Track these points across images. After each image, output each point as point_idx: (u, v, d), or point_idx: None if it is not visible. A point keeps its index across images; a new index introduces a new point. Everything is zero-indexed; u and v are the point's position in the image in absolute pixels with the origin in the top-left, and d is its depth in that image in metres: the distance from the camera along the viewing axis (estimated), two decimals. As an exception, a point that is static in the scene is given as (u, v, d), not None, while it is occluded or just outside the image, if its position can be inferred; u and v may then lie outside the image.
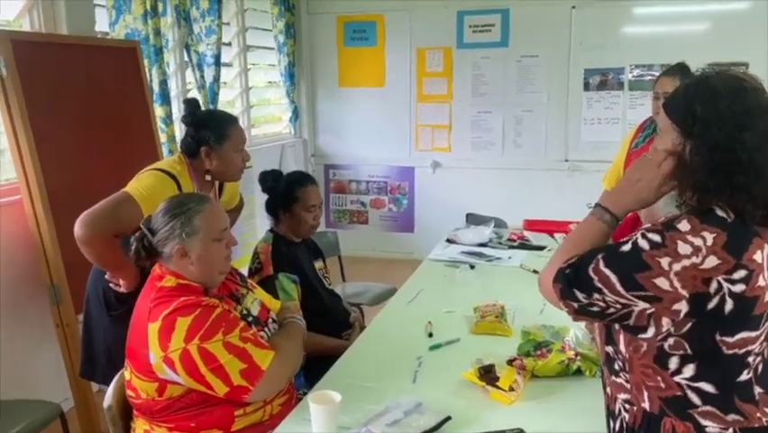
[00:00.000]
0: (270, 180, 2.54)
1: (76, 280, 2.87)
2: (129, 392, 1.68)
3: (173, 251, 1.65)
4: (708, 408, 1.15)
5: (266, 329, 1.80)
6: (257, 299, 1.87)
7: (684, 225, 1.14)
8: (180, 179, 2.26)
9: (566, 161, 5.36)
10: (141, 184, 2.19)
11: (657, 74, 2.98)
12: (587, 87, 5.20)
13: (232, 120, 2.43)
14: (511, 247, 3.28)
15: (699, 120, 1.16)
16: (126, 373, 1.68)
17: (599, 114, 5.20)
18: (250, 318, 1.76)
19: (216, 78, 4.37)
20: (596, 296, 1.16)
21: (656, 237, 1.14)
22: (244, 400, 1.61)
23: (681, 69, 2.69)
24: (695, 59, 2.09)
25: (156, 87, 3.71)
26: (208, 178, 2.40)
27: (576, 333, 1.88)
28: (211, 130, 2.32)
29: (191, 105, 2.41)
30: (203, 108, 2.71)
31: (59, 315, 2.86)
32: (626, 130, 4.83)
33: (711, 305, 1.12)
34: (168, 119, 3.78)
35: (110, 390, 1.76)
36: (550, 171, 5.39)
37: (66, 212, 2.85)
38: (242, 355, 1.57)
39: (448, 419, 1.55)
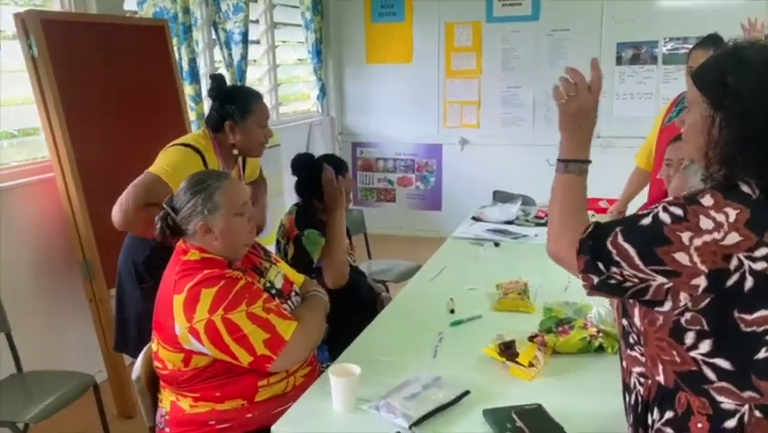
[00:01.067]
0: (306, 166, 2.51)
1: (107, 256, 2.94)
2: (156, 363, 1.72)
3: (197, 227, 1.68)
4: (724, 384, 1.14)
5: (289, 302, 1.82)
6: (280, 272, 1.90)
7: (707, 200, 1.11)
8: (205, 154, 2.30)
9: (598, 137, 5.25)
10: (166, 161, 2.23)
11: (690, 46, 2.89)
12: (619, 61, 5.09)
13: (257, 96, 2.44)
14: (538, 225, 3.26)
15: (729, 91, 1.12)
16: (153, 344, 1.73)
17: (632, 88, 5.09)
18: (273, 291, 1.79)
19: (244, 56, 4.40)
20: (613, 269, 1.15)
21: (678, 211, 1.11)
22: (268, 370, 1.64)
23: (714, 41, 2.61)
24: (732, 31, 2.02)
25: (185, 66, 3.74)
26: (235, 152, 2.42)
27: (599, 310, 1.87)
28: (236, 105, 2.35)
29: (217, 80, 2.44)
30: (229, 84, 2.74)
31: (91, 290, 2.95)
32: (659, 105, 4.72)
33: (730, 282, 1.09)
34: (197, 97, 3.82)
35: (138, 362, 1.81)
36: (581, 148, 5.28)
37: (97, 189, 2.92)
38: (266, 326, 1.61)
39: (467, 393, 1.55)
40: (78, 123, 2.88)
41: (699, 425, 1.14)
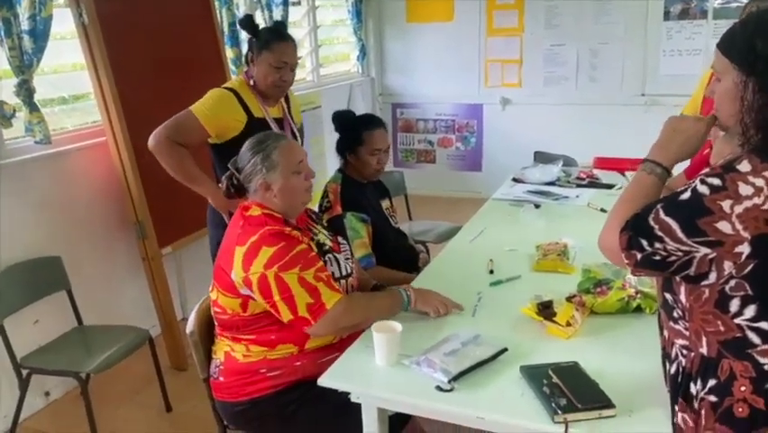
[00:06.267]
0: (342, 121, 2.58)
1: (159, 217, 3.07)
2: (216, 309, 1.83)
3: (258, 185, 1.81)
4: None
5: (339, 256, 1.92)
6: (328, 238, 1.99)
7: (745, 166, 1.11)
8: (240, 92, 2.48)
9: (643, 95, 5.15)
10: (201, 100, 2.46)
11: (746, 0, 2.78)
12: (667, 16, 4.93)
13: (281, 36, 2.53)
14: (579, 186, 3.25)
15: (760, 55, 1.12)
16: (213, 293, 1.84)
17: (680, 45, 4.94)
18: (326, 247, 1.90)
19: (285, 18, 4.41)
20: (657, 245, 1.16)
21: (716, 181, 1.12)
22: (305, 332, 1.74)
23: (772, -5, 2.51)
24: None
25: (225, 29, 3.79)
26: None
27: (638, 271, 1.87)
28: (258, 38, 2.49)
29: (246, 19, 2.57)
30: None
31: (144, 249, 3.08)
32: (708, 62, 4.53)
33: None
34: (237, 60, 3.87)
35: (192, 317, 1.92)
36: (626, 106, 5.20)
37: (147, 152, 3.00)
38: (312, 291, 1.70)
39: (504, 350, 1.60)
40: (128, 87, 2.97)
41: (743, 388, 1.16)
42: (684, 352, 1.26)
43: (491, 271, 2.18)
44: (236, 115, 2.45)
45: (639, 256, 1.19)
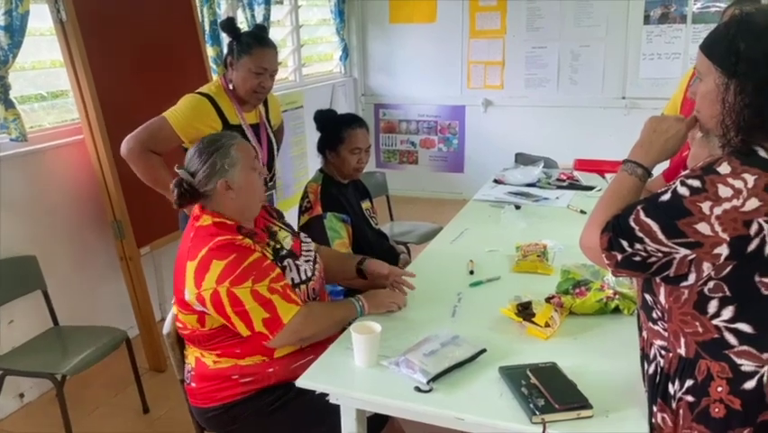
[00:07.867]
0: (323, 119, 2.57)
1: (137, 216, 3.03)
2: (178, 324, 1.80)
3: (217, 186, 1.72)
4: (745, 347, 1.16)
5: (299, 261, 1.85)
6: (289, 234, 1.95)
7: (724, 168, 1.12)
8: (217, 99, 2.43)
9: (623, 98, 5.20)
10: (175, 107, 2.41)
11: (724, 6, 2.82)
12: (647, 20, 4.97)
13: (262, 42, 2.48)
14: (560, 187, 3.27)
15: (743, 58, 1.13)
16: (174, 307, 1.80)
17: (660, 48, 4.98)
18: (284, 252, 1.82)
19: (267, 17, 4.38)
20: (637, 246, 1.17)
21: (696, 183, 1.13)
22: (265, 345, 1.70)
23: (753, 0, 2.54)
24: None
25: (206, 28, 3.75)
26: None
27: (616, 272, 1.88)
28: (239, 42, 2.45)
29: (227, 21, 2.54)
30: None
31: (122, 249, 3.03)
32: (687, 65, 4.63)
33: (752, 247, 1.11)
34: (218, 59, 3.84)
35: (168, 319, 1.89)
36: (606, 109, 5.24)
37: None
38: (267, 305, 1.65)
39: (483, 351, 1.60)
40: (107, 85, 2.93)
41: (720, 388, 1.17)
42: (662, 352, 1.27)
43: (471, 272, 2.19)
44: (211, 123, 2.40)
45: (620, 257, 1.20)
